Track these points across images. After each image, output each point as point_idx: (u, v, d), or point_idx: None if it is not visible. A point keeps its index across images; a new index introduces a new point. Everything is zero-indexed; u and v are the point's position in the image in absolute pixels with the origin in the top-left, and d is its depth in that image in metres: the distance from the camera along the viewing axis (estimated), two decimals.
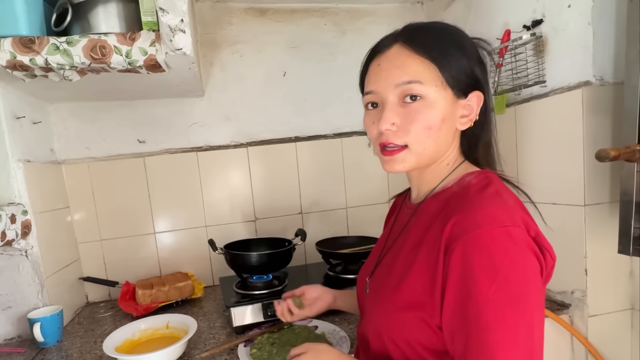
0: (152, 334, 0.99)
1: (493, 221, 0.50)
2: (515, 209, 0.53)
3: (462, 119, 0.59)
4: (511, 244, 0.49)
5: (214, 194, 1.44)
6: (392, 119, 0.56)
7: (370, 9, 1.51)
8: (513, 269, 0.48)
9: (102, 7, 0.93)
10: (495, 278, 0.48)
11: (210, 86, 1.42)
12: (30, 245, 1.07)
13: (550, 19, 0.99)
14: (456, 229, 0.51)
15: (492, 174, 0.60)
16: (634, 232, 0.83)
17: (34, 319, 1.01)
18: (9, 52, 0.88)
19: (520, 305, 0.48)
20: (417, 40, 0.56)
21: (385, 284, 0.62)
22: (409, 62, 0.56)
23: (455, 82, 0.56)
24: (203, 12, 1.38)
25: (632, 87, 0.78)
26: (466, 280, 0.49)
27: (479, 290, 0.48)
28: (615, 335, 1.00)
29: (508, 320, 0.48)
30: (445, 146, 0.60)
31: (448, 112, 0.57)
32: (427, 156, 0.59)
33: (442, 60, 0.55)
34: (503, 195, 0.55)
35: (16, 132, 1.08)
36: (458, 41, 0.58)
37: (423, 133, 0.56)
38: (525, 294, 0.49)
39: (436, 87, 0.55)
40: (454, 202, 0.56)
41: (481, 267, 0.49)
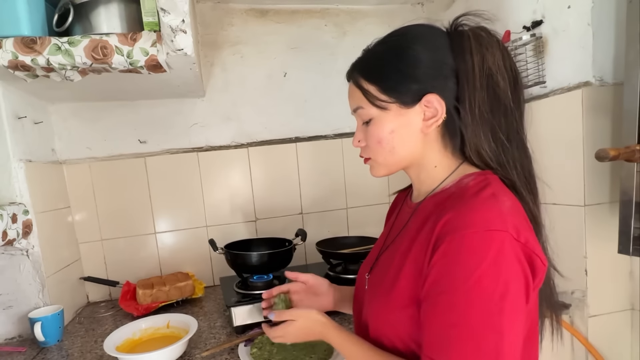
0: (153, 333, 0.99)
1: (481, 224, 0.50)
2: (508, 213, 0.53)
3: (427, 121, 0.59)
4: (494, 248, 0.49)
5: (214, 194, 1.44)
6: (357, 138, 0.66)
7: (370, 10, 1.51)
8: (489, 273, 0.49)
9: (103, 8, 0.94)
10: (469, 279, 0.49)
11: (211, 86, 1.42)
12: (31, 244, 1.07)
13: (550, 19, 1.00)
14: (446, 227, 0.52)
15: (491, 175, 0.59)
16: (633, 232, 0.83)
17: (35, 318, 1.01)
18: (10, 52, 0.88)
19: (490, 309, 0.48)
20: (357, 69, 0.63)
21: (382, 282, 0.63)
22: (352, 92, 0.65)
23: (393, 97, 0.59)
24: (204, 13, 1.39)
25: (632, 87, 0.78)
26: (443, 276, 0.51)
27: (452, 288, 0.50)
28: (616, 336, 1.00)
29: (474, 321, 0.49)
30: (411, 151, 0.62)
31: (396, 123, 0.60)
32: (392, 163, 0.63)
33: (374, 83, 0.61)
34: (498, 198, 0.54)
35: (18, 132, 1.08)
36: (403, 55, 0.59)
37: (377, 146, 0.63)
38: (498, 299, 0.49)
39: (377, 105, 0.61)
40: (450, 202, 0.57)
41: (459, 266, 0.50)
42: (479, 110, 0.57)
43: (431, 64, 0.58)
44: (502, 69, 0.57)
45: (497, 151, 0.59)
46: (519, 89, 0.60)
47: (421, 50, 0.58)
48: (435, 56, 0.58)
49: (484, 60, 0.57)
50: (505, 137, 0.59)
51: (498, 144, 0.59)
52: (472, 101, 0.57)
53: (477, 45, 0.57)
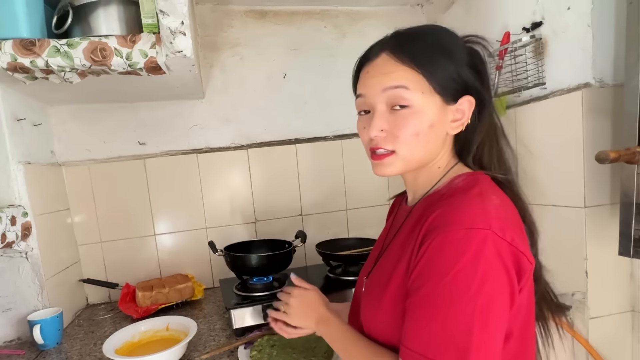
0: (152, 335, 0.99)
1: (464, 222, 0.51)
2: (494, 212, 0.53)
3: (454, 123, 0.60)
4: (473, 246, 0.49)
5: (214, 195, 1.44)
6: (380, 126, 0.58)
7: (370, 11, 1.51)
8: (466, 270, 0.49)
9: (102, 10, 0.94)
10: (446, 275, 0.50)
11: (211, 88, 1.42)
12: (31, 247, 1.07)
13: (550, 21, 1.00)
14: (432, 224, 0.54)
15: (482, 175, 0.61)
16: (634, 234, 0.83)
17: (34, 321, 1.01)
18: (9, 55, 0.88)
19: (462, 305, 0.49)
20: (403, 48, 0.58)
21: (376, 284, 0.64)
22: (395, 69, 0.57)
23: (443, 88, 0.58)
24: (203, 15, 1.38)
25: (632, 89, 0.78)
26: (423, 271, 0.53)
27: (429, 283, 0.51)
28: (616, 338, 1.00)
29: (445, 316, 0.50)
30: (435, 151, 0.61)
31: (436, 118, 0.58)
32: (415, 161, 0.61)
33: (428, 67, 0.57)
34: (486, 197, 0.55)
35: (17, 134, 1.08)
36: (446, 46, 0.59)
37: (411, 139, 0.58)
38: (471, 296, 0.49)
39: (423, 93, 0.57)
40: (439, 202, 0.58)
41: (439, 262, 0.51)
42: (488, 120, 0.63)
43: (470, 67, 0.60)
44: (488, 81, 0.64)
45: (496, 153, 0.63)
46: None
47: (460, 48, 0.61)
48: (469, 59, 0.61)
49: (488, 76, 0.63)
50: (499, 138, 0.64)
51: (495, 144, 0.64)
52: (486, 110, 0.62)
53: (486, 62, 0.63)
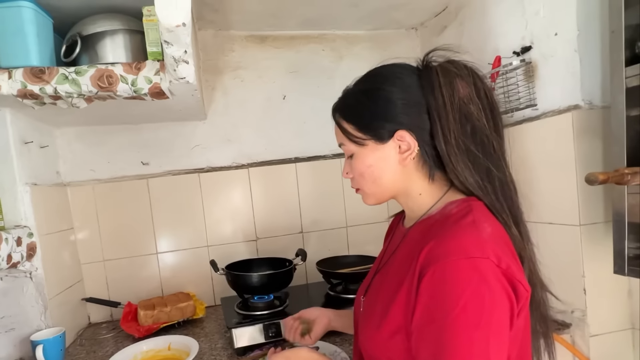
0: (154, 355, 1.00)
1: (462, 251, 0.52)
2: (489, 240, 0.54)
3: (403, 154, 0.63)
4: (476, 275, 0.51)
5: (215, 214, 1.46)
6: (345, 170, 0.71)
7: (366, 35, 1.56)
8: (472, 300, 0.50)
9: (109, 39, 0.98)
10: (454, 308, 0.50)
11: (213, 110, 1.46)
12: (35, 267, 1.09)
13: (539, 45, 1.03)
14: (429, 255, 0.54)
15: (475, 202, 0.60)
16: (628, 253, 0.84)
17: (37, 341, 1.02)
18: (20, 82, 0.91)
19: (476, 335, 0.50)
20: (337, 109, 0.69)
21: (374, 306, 0.65)
22: (336, 130, 0.70)
23: (369, 134, 0.64)
24: (206, 40, 1.43)
25: (618, 112, 0.80)
26: (431, 306, 0.53)
27: (438, 318, 0.51)
28: (617, 355, 1.00)
29: (462, 348, 0.50)
30: (392, 182, 0.66)
31: (373, 158, 0.65)
32: (378, 192, 0.67)
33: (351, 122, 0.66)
34: (479, 225, 0.56)
35: (24, 156, 1.11)
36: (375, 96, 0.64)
37: (360, 179, 0.68)
38: (483, 325, 0.50)
39: (355, 142, 0.66)
40: (433, 229, 0.59)
41: (443, 296, 0.52)
42: (456, 142, 0.59)
43: (402, 103, 0.62)
44: (476, 98, 0.59)
45: (479, 178, 0.60)
46: (495, 115, 0.62)
47: (391, 90, 0.63)
48: (405, 95, 0.62)
49: (453, 93, 0.59)
50: (487, 165, 0.60)
51: (479, 172, 0.60)
52: (447, 134, 0.59)
53: (446, 80, 0.59)
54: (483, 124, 0.60)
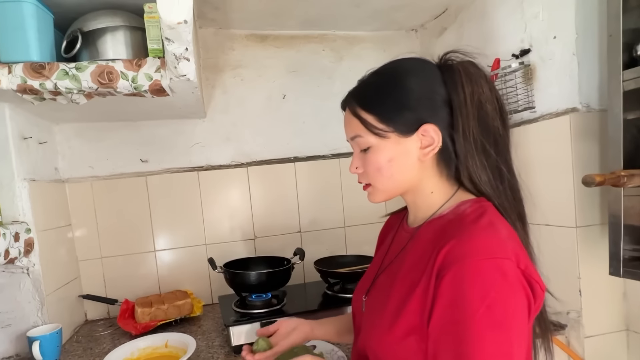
0: (151, 352, 1.00)
1: (484, 252, 0.52)
2: (507, 240, 0.55)
3: (424, 149, 0.61)
4: (499, 276, 0.51)
5: (214, 212, 1.46)
6: (355, 164, 0.67)
7: (366, 36, 1.57)
8: (498, 300, 0.50)
9: (110, 35, 0.98)
10: (480, 307, 0.50)
11: (212, 108, 1.46)
12: (32, 263, 1.08)
13: (537, 48, 1.04)
14: (449, 256, 0.53)
15: (486, 202, 0.61)
16: (623, 254, 0.85)
17: (33, 337, 1.02)
18: (19, 77, 0.91)
19: (501, 335, 0.50)
20: (355, 98, 0.65)
21: (382, 306, 0.63)
22: (349, 121, 0.66)
23: (392, 126, 0.61)
24: (206, 38, 1.44)
25: (615, 116, 0.81)
26: (453, 305, 0.52)
27: (465, 317, 0.51)
28: (612, 357, 1.01)
29: (489, 346, 0.50)
30: (408, 179, 0.64)
31: (395, 151, 0.62)
32: (390, 189, 0.65)
33: (373, 112, 0.62)
34: (496, 226, 0.57)
35: (23, 152, 1.11)
36: (393, 88, 0.62)
37: (376, 174, 0.64)
38: (507, 325, 0.50)
39: (375, 134, 0.62)
40: (449, 229, 0.58)
41: (469, 295, 0.51)
42: (473, 139, 0.60)
43: (426, 95, 0.61)
44: (490, 99, 0.61)
45: (491, 178, 0.61)
46: (504, 117, 0.63)
47: (416, 81, 0.61)
48: (429, 87, 0.61)
49: (473, 92, 0.60)
50: (498, 165, 0.61)
51: (492, 171, 0.61)
52: (467, 130, 0.60)
53: (467, 78, 0.60)
54: (496, 124, 0.61)
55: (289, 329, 0.83)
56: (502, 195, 0.62)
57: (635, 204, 0.85)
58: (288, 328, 0.83)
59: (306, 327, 0.84)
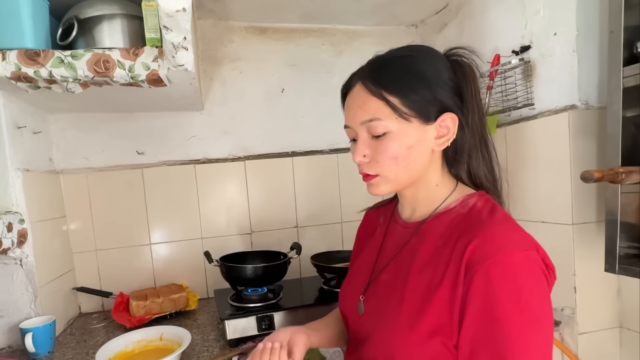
0: (146, 345, 0.99)
1: (513, 245, 0.52)
2: (525, 233, 0.55)
3: (439, 139, 0.60)
4: (530, 268, 0.52)
5: (210, 206, 1.45)
6: (362, 152, 0.60)
7: (366, 30, 1.56)
8: (534, 292, 0.51)
9: (107, 23, 0.96)
10: (519, 301, 0.50)
11: (210, 100, 1.45)
12: (26, 254, 1.07)
13: (538, 45, 1.04)
14: (478, 252, 0.52)
15: (489, 196, 0.62)
16: (619, 251, 0.85)
17: (26, 329, 1.01)
18: (14, 64, 0.90)
19: (541, 327, 0.51)
20: (372, 78, 0.59)
21: (396, 306, 0.59)
22: (367, 101, 0.59)
23: (415, 111, 0.57)
24: (205, 29, 1.42)
25: (614, 112, 0.81)
26: (490, 303, 0.51)
27: (504, 314, 0.50)
28: (605, 353, 1.01)
29: (532, 341, 0.50)
30: (421, 168, 0.61)
31: (415, 139, 0.59)
32: (401, 180, 0.61)
33: (397, 94, 0.57)
34: (510, 218, 0.57)
35: (17, 141, 1.09)
36: (418, 69, 0.59)
37: (391, 162, 0.59)
38: (544, 315, 0.51)
39: (397, 119, 0.58)
40: (467, 224, 0.57)
41: (505, 290, 0.50)
42: (479, 134, 0.62)
43: (445, 82, 0.59)
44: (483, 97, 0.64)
45: (488, 172, 0.63)
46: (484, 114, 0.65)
47: (436, 67, 0.60)
48: (446, 75, 0.60)
49: (476, 87, 0.61)
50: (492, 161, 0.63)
51: (487, 164, 0.63)
52: (474, 124, 0.61)
53: (474, 74, 0.62)
54: (484, 120, 0.63)
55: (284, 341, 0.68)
56: (496, 190, 0.63)
57: (632, 201, 0.86)
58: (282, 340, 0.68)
59: (303, 337, 0.70)
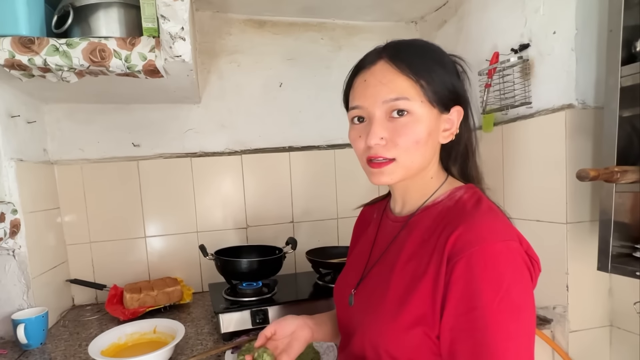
0: (139, 338, 0.99)
1: (495, 235, 0.52)
2: (509, 223, 0.56)
3: (444, 132, 0.61)
4: (512, 258, 0.52)
5: (206, 200, 1.44)
6: (380, 134, 0.57)
7: (365, 26, 1.55)
8: (515, 282, 0.51)
9: (103, 12, 0.95)
10: (499, 290, 0.50)
11: (207, 93, 1.43)
12: (18, 245, 1.06)
13: (537, 43, 1.04)
14: (460, 241, 0.53)
15: (476, 189, 0.63)
16: (612, 250, 0.86)
17: (18, 320, 1.00)
18: (7, 51, 0.88)
19: (521, 316, 0.51)
20: (401, 57, 0.58)
21: (381, 297, 0.60)
22: (394, 79, 0.57)
23: (439, 97, 0.58)
24: (203, 21, 1.41)
25: (612, 112, 0.82)
26: (470, 291, 0.51)
27: (484, 302, 0.50)
28: (595, 351, 1.03)
29: (512, 330, 0.50)
30: (429, 159, 0.62)
31: (433, 126, 0.59)
32: (414, 169, 0.60)
33: (426, 77, 0.57)
34: (495, 210, 0.58)
35: (10, 130, 1.08)
36: (439, 58, 0.60)
37: (412, 147, 0.57)
38: (525, 305, 0.52)
39: (422, 102, 0.57)
40: (452, 215, 0.58)
41: (486, 279, 0.50)
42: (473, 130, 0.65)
43: (460, 79, 0.62)
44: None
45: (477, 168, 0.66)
46: None
47: (451, 62, 0.62)
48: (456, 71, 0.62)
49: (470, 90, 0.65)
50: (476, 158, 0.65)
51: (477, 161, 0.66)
52: (472, 120, 0.64)
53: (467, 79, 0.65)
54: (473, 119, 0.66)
55: (286, 333, 0.73)
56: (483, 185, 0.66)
57: (626, 201, 0.86)
58: (286, 332, 0.73)
59: (306, 334, 0.73)
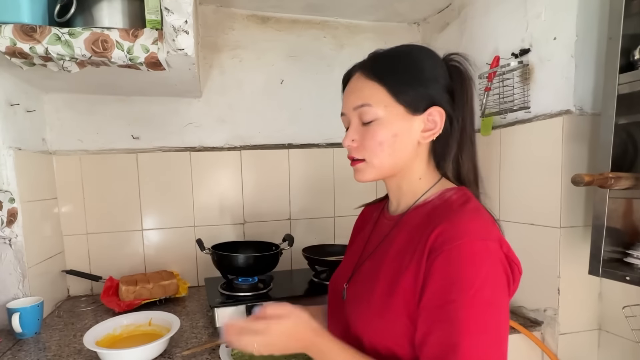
0: (134, 330, 0.99)
1: (475, 234, 0.54)
2: (492, 224, 0.58)
3: (425, 132, 0.63)
4: (488, 257, 0.54)
5: (204, 194, 1.45)
6: (352, 136, 0.65)
7: (368, 25, 1.56)
8: (488, 279, 0.53)
9: (106, 2, 0.94)
10: (473, 285, 0.52)
11: (208, 88, 1.43)
12: (15, 234, 1.06)
13: (537, 49, 1.05)
14: (441, 237, 0.55)
15: (468, 192, 0.64)
16: (603, 255, 0.87)
17: (13, 309, 1.00)
18: (9, 39, 0.88)
19: (492, 312, 0.53)
20: (372, 66, 0.64)
21: (369, 291, 0.63)
22: (362, 86, 0.63)
23: (405, 100, 0.61)
24: (206, 15, 1.40)
25: (608, 118, 0.83)
26: (446, 285, 0.54)
27: (457, 296, 0.53)
28: (584, 354, 1.04)
29: (481, 325, 0.52)
30: (405, 158, 0.64)
31: (401, 127, 0.62)
32: (385, 167, 0.64)
33: (389, 80, 0.61)
34: (481, 211, 0.60)
35: (9, 119, 1.08)
36: (415, 62, 0.63)
37: (376, 148, 0.63)
38: (496, 303, 0.54)
39: (385, 106, 0.61)
40: (438, 213, 0.60)
41: (462, 274, 0.53)
42: (470, 132, 0.65)
43: (436, 78, 0.63)
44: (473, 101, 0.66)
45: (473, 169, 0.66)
46: None
47: (430, 63, 0.64)
48: (439, 72, 0.64)
49: (470, 88, 0.65)
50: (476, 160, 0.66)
51: (472, 163, 0.66)
52: (465, 123, 0.64)
53: (468, 76, 0.66)
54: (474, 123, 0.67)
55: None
56: (478, 189, 0.66)
57: (619, 207, 0.88)
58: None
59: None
